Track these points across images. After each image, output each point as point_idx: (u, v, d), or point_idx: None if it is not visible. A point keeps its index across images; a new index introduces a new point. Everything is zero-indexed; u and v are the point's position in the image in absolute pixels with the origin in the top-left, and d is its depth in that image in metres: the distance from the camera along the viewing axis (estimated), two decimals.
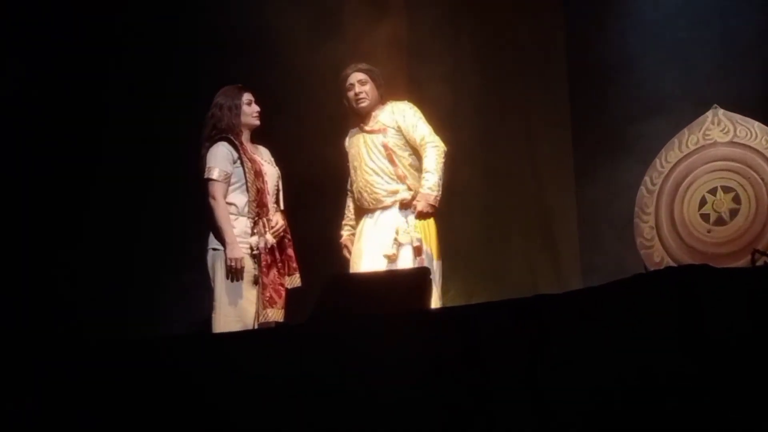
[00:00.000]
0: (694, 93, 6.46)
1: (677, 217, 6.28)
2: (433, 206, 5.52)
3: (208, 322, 5.26)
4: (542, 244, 6.78)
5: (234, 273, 5.23)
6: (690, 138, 6.31)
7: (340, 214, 5.86)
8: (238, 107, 5.44)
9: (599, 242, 6.66)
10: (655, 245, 6.31)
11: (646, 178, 6.41)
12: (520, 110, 6.76)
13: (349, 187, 5.87)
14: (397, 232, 5.51)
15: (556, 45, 6.92)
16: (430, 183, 5.50)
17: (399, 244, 5.50)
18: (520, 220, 6.70)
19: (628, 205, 6.48)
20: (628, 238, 6.44)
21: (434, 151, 5.57)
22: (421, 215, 5.52)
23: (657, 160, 6.38)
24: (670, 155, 6.35)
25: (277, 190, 5.52)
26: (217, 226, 5.28)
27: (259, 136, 5.60)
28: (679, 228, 6.27)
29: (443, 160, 5.58)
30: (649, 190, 6.40)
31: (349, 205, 5.86)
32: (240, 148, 5.39)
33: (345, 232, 5.82)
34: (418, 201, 5.53)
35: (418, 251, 5.51)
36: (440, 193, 5.54)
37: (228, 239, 5.23)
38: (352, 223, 5.81)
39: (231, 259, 5.21)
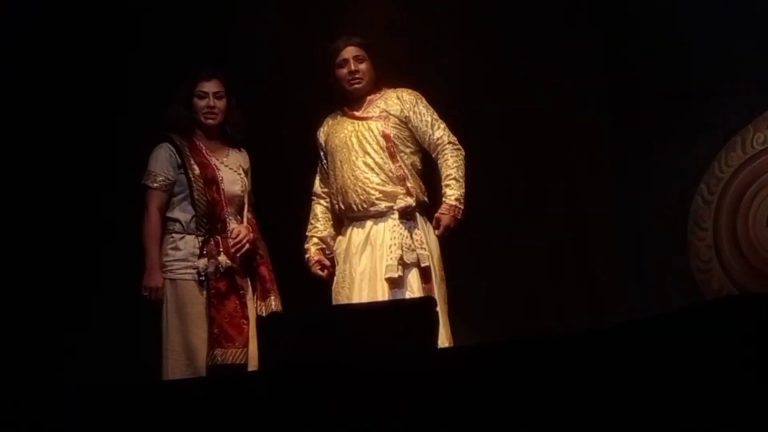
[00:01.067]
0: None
1: (741, 233, 6.17)
2: (460, 222, 5.29)
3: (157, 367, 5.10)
4: (573, 262, 6.56)
5: (150, 305, 5.10)
6: (756, 136, 6.07)
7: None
8: (189, 99, 5.21)
9: (642, 263, 6.40)
10: (714, 268, 6.19)
11: (702, 186, 6.19)
12: (543, 93, 6.56)
13: (317, 189, 5.54)
14: (401, 248, 5.24)
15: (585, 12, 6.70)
16: (458, 194, 5.31)
17: (405, 265, 5.25)
18: (545, 231, 6.53)
19: (680, 213, 6.26)
20: (680, 258, 6.26)
21: (458, 155, 5.38)
22: (448, 231, 5.30)
23: (715, 164, 6.15)
24: (730, 157, 6.13)
25: (242, 204, 5.25)
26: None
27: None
28: (743, 247, 6.15)
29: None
30: (705, 201, 6.21)
31: (317, 211, 5.52)
32: (187, 148, 5.12)
33: (312, 246, 5.48)
34: (443, 214, 5.28)
35: (425, 275, 5.23)
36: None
37: (148, 263, 5.09)
38: (321, 235, 5.48)
39: (145, 288, 5.07)
